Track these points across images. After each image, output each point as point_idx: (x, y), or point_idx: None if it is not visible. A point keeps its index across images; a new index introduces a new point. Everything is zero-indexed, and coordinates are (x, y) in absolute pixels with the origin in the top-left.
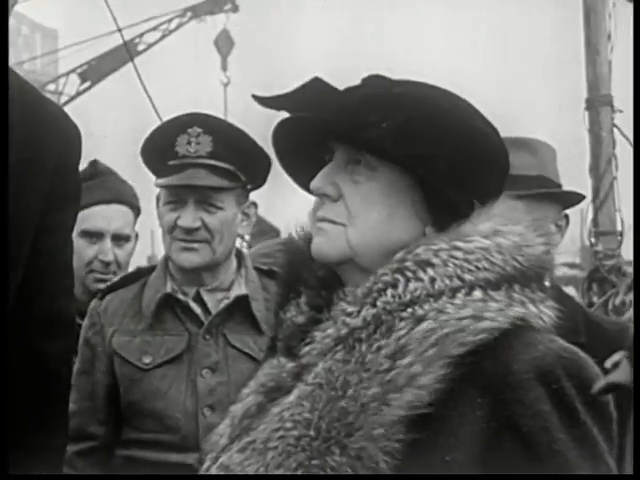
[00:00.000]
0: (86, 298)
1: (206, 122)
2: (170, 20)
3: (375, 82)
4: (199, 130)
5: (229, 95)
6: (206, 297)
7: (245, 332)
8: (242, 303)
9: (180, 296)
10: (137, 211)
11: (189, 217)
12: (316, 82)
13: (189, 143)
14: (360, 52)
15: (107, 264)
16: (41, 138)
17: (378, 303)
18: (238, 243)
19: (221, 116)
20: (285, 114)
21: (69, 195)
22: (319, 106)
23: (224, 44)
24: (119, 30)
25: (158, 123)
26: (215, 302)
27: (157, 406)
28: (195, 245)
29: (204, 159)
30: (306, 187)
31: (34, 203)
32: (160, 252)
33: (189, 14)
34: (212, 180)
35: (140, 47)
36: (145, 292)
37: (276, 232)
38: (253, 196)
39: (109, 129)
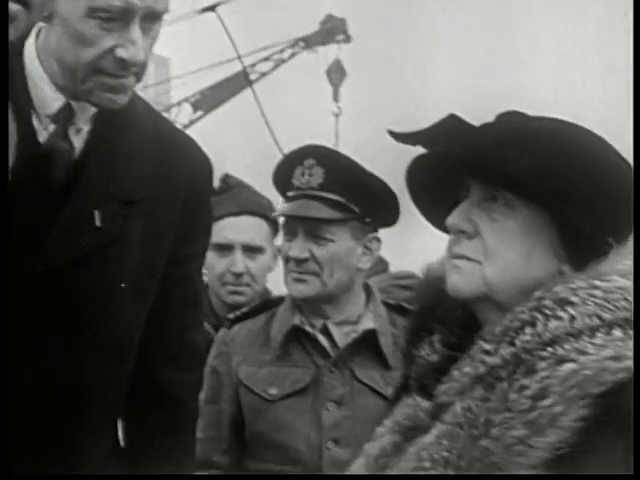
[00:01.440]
0: (223, 312)
1: (321, 154)
2: (282, 50)
3: (511, 118)
4: (313, 162)
5: (340, 126)
6: (333, 330)
7: (372, 367)
8: (370, 337)
9: (308, 328)
10: (274, 223)
11: (298, 248)
12: (452, 119)
13: (303, 175)
14: (489, 87)
15: (238, 275)
16: (174, 169)
17: (517, 342)
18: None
19: (331, 146)
20: (414, 149)
21: (200, 226)
22: (455, 143)
23: (336, 75)
24: (239, 57)
25: (273, 148)
26: (342, 335)
27: (281, 438)
28: (305, 277)
29: (315, 191)
30: (437, 224)
31: (167, 233)
32: None
33: (301, 44)
34: (321, 212)
35: (253, 76)
36: (273, 323)
37: (384, 265)
38: None
39: (221, 157)
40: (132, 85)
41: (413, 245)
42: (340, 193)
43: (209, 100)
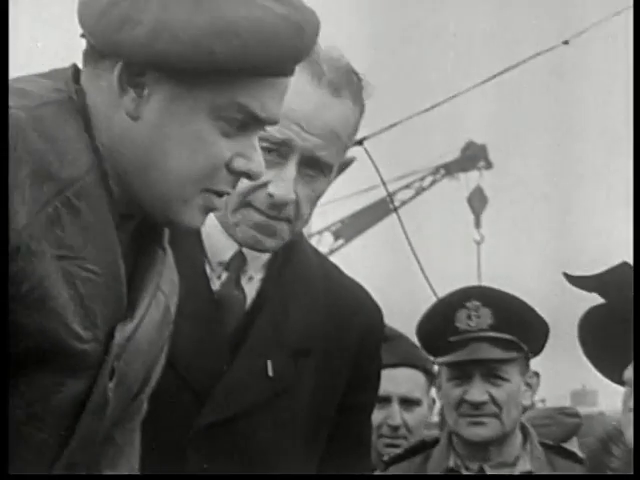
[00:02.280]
0: (381, 466)
1: (484, 294)
2: (423, 178)
3: None
4: (477, 303)
5: (483, 253)
6: (490, 472)
7: None
8: (551, 474)
9: (464, 471)
10: (430, 375)
11: (477, 391)
12: (624, 267)
13: (469, 317)
14: None
15: (395, 428)
16: (346, 319)
17: None
18: None
19: (475, 274)
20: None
21: (371, 376)
22: (629, 291)
23: (478, 202)
24: (383, 184)
25: (418, 275)
26: None
27: None
28: (484, 419)
29: (486, 332)
30: (608, 374)
31: (338, 383)
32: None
33: (442, 171)
34: (497, 352)
35: (392, 205)
36: (428, 465)
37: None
38: None
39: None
40: (283, 232)
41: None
42: (511, 332)
43: (350, 229)
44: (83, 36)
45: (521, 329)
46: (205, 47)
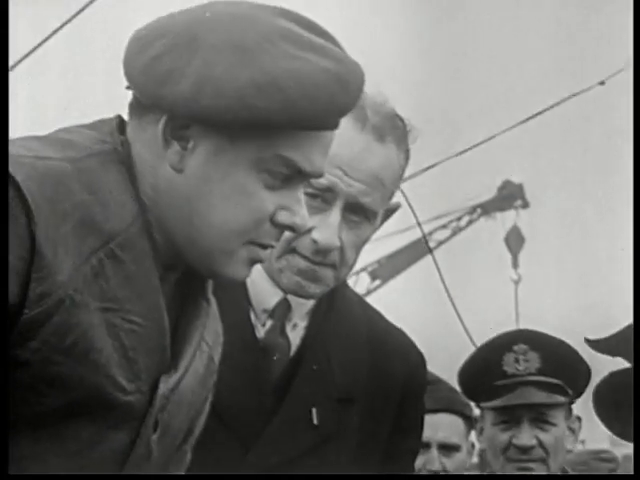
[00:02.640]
0: None
1: (531, 338)
2: (460, 218)
3: None
4: (525, 347)
5: (520, 293)
6: None
7: None
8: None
9: None
10: (469, 420)
11: (525, 436)
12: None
13: (517, 361)
14: None
15: (435, 474)
16: (390, 367)
17: None
18: None
19: (513, 314)
20: None
21: (415, 422)
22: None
23: (515, 241)
24: (419, 225)
25: (453, 317)
26: None
27: None
28: (531, 464)
29: (534, 376)
30: (618, 433)
31: (382, 430)
32: None
33: (479, 211)
34: (545, 397)
35: (430, 244)
36: None
37: None
38: None
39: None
40: (328, 278)
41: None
42: (558, 376)
43: (387, 269)
44: (129, 88)
45: (567, 373)
46: (248, 102)
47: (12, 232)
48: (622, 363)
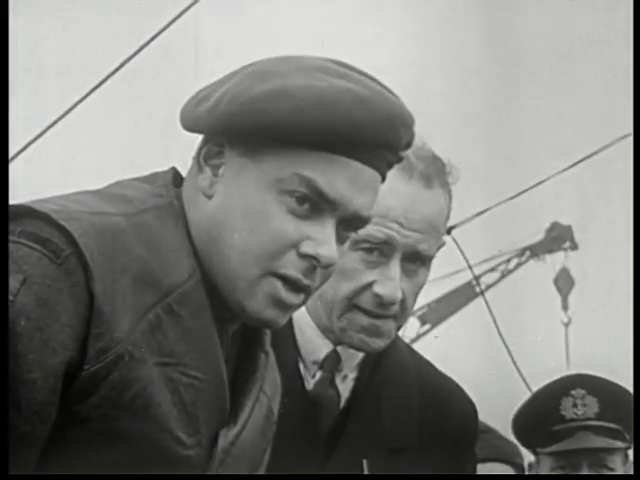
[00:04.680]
0: None
1: (588, 382)
2: (508, 260)
3: None
4: (583, 392)
5: (570, 335)
6: None
7: None
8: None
9: None
10: (521, 469)
11: None
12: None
13: (575, 406)
14: None
15: None
16: (441, 416)
17: None
18: None
19: (564, 357)
20: None
21: (467, 471)
22: None
23: (564, 283)
24: (470, 267)
25: (506, 361)
26: None
27: None
28: None
29: (593, 421)
30: None
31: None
32: None
33: (527, 253)
34: (604, 442)
35: (479, 288)
36: None
37: None
38: None
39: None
40: (390, 330)
41: None
42: (616, 421)
43: (436, 313)
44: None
45: (625, 418)
46: (258, 106)
47: (69, 288)
48: None
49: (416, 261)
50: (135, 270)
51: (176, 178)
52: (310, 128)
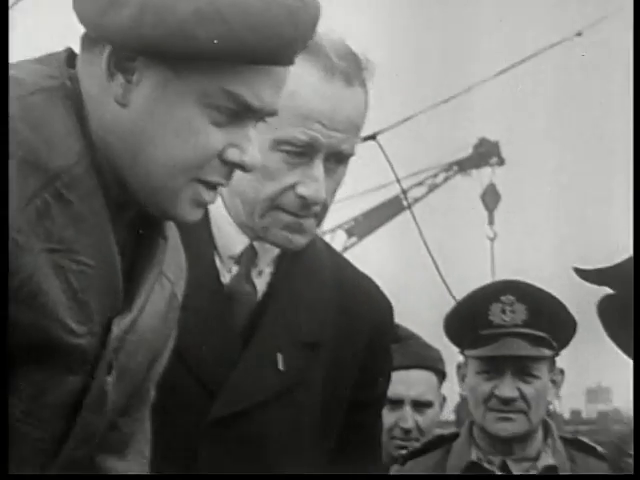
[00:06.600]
0: (399, 460)
1: (519, 289)
2: (436, 175)
3: None
4: (512, 298)
5: (496, 250)
6: (512, 467)
7: None
8: (550, 474)
9: (486, 465)
10: (442, 375)
11: (507, 387)
12: (632, 261)
13: (503, 312)
14: None
15: (407, 431)
16: (357, 315)
17: None
18: None
19: (489, 271)
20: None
21: (381, 372)
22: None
23: (491, 198)
24: (398, 181)
25: (431, 272)
26: (521, 472)
27: None
28: (512, 415)
29: (520, 328)
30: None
31: (348, 378)
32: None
33: (455, 168)
34: (530, 349)
35: (406, 202)
36: (449, 459)
37: None
38: None
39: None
40: (311, 228)
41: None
42: (543, 329)
43: (363, 226)
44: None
45: (553, 326)
46: (189, 32)
47: None
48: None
49: (337, 160)
50: (21, 154)
51: (71, 58)
52: (242, 48)
